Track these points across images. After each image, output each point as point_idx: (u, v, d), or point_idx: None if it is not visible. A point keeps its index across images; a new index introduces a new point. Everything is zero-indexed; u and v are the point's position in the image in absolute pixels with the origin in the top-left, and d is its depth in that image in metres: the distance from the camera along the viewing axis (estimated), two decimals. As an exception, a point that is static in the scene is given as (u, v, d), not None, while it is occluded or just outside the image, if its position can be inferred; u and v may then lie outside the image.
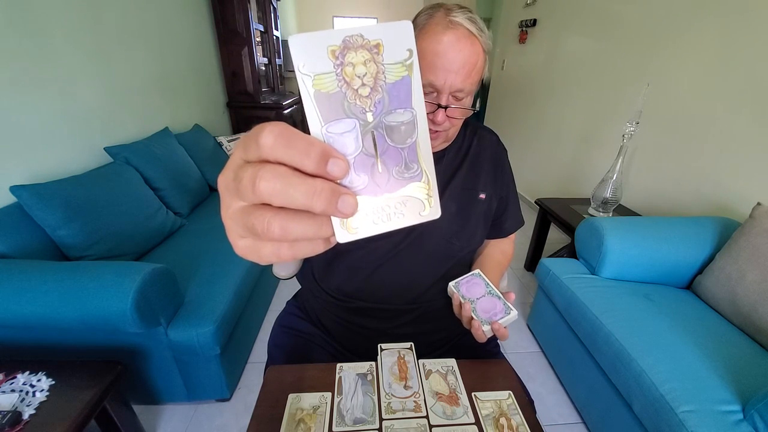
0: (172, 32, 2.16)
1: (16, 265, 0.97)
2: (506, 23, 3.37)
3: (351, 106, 0.20)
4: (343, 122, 0.20)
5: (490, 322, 0.58)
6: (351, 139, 0.20)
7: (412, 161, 0.21)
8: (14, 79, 1.19)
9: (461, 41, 0.56)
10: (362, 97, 0.20)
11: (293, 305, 0.87)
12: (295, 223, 0.18)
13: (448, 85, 0.57)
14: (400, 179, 0.21)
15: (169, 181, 1.67)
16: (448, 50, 0.55)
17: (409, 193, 0.22)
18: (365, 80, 0.20)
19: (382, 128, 0.21)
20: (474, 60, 0.57)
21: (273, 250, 0.20)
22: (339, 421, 0.51)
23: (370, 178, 0.21)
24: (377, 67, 0.20)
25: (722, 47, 1.49)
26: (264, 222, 0.18)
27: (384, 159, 0.21)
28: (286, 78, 4.16)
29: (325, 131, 0.20)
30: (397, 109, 0.21)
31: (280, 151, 0.17)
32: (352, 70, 0.20)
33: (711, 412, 0.83)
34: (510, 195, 0.80)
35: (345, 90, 0.20)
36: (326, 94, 0.20)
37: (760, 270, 1.06)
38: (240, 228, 0.19)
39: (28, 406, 0.75)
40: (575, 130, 2.47)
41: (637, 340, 1.02)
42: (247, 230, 0.19)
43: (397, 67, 0.20)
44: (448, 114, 0.59)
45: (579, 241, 1.44)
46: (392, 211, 0.21)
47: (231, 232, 0.21)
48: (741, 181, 1.42)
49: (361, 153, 0.21)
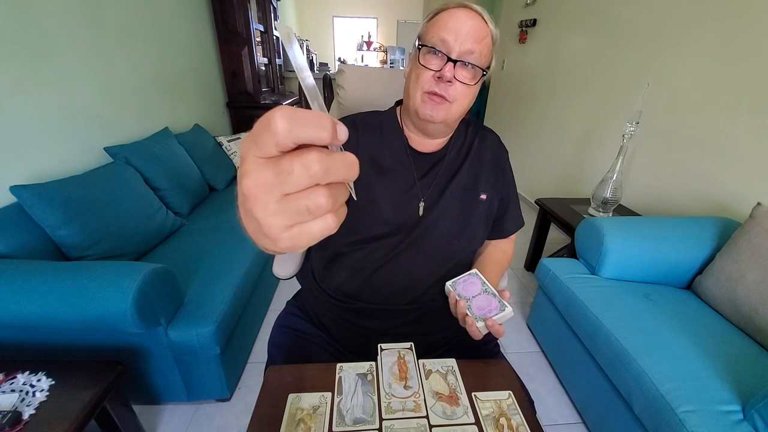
0: (172, 32, 2.16)
1: (16, 265, 0.97)
2: (506, 23, 3.37)
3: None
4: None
5: (484, 318, 0.58)
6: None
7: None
8: (14, 79, 1.19)
9: (473, 16, 0.61)
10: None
11: (293, 305, 0.87)
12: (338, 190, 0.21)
13: (459, 44, 0.60)
14: None
15: (169, 181, 1.67)
16: (461, 17, 0.61)
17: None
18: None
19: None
20: (484, 33, 0.62)
21: (322, 224, 0.21)
22: (339, 421, 0.51)
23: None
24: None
25: (722, 47, 1.49)
26: (318, 198, 0.20)
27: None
28: (286, 78, 4.17)
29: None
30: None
31: (298, 131, 0.18)
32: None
33: (711, 412, 0.83)
34: (511, 196, 0.80)
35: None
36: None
37: (760, 270, 1.06)
38: (288, 218, 0.20)
39: (28, 406, 0.75)
40: (575, 130, 2.47)
41: (637, 340, 1.02)
42: (300, 215, 0.20)
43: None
44: (457, 76, 0.61)
45: (579, 241, 1.44)
46: None
47: (274, 228, 0.21)
48: (741, 181, 1.42)
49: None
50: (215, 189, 2.15)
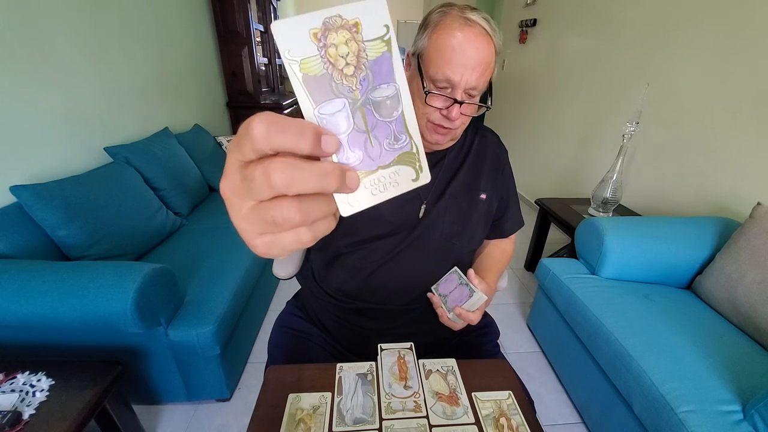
0: (172, 32, 2.16)
1: (16, 265, 0.97)
2: (506, 23, 3.37)
3: (338, 86, 0.21)
4: (333, 102, 0.21)
5: (452, 308, 0.60)
6: (342, 118, 0.21)
7: (400, 132, 0.22)
8: (14, 79, 1.19)
9: (478, 39, 0.56)
10: (348, 77, 0.21)
11: (293, 305, 0.87)
12: (310, 204, 0.19)
13: (464, 81, 0.57)
14: (391, 151, 0.22)
15: (169, 181, 1.67)
16: (465, 46, 0.56)
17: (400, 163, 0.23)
18: (348, 59, 0.20)
19: (369, 104, 0.22)
20: (488, 59, 0.58)
21: (294, 237, 0.20)
22: (339, 421, 0.51)
23: (364, 153, 0.22)
24: (358, 45, 0.20)
25: (722, 47, 1.49)
26: (283, 211, 0.18)
27: (375, 133, 0.22)
28: (286, 78, 4.16)
29: (317, 113, 0.21)
30: (381, 85, 0.21)
31: (275, 137, 0.17)
32: (335, 51, 0.20)
33: (711, 412, 0.83)
34: (510, 196, 0.80)
35: (331, 71, 0.20)
36: (314, 77, 0.20)
37: (760, 270, 1.06)
38: (257, 226, 0.20)
39: (28, 406, 0.75)
40: (575, 130, 2.47)
41: (637, 340, 1.02)
42: (266, 225, 0.19)
43: (376, 44, 0.21)
44: (462, 111, 0.60)
45: (579, 241, 1.44)
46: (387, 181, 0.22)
47: (247, 233, 0.21)
48: (741, 181, 1.42)
49: (353, 130, 0.21)
50: (215, 189, 2.15)
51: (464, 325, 0.63)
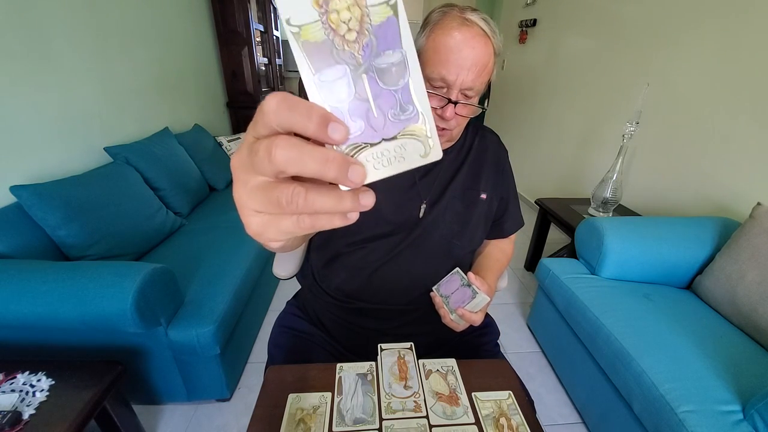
0: (172, 32, 2.16)
1: (16, 265, 0.97)
2: (506, 23, 3.37)
3: (340, 52, 0.20)
4: (333, 69, 0.20)
5: (455, 309, 0.60)
6: (343, 85, 0.20)
7: (407, 103, 0.21)
8: (14, 79, 1.19)
9: (475, 39, 0.56)
10: (350, 42, 0.20)
11: (293, 305, 0.87)
12: (318, 194, 0.19)
13: (460, 82, 0.57)
14: (396, 122, 0.21)
15: (169, 181, 1.67)
16: (462, 47, 0.55)
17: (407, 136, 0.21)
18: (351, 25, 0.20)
19: (373, 71, 0.21)
20: (486, 60, 0.58)
21: (292, 222, 0.20)
22: (339, 421, 0.51)
23: (366, 123, 0.21)
24: (361, 10, 0.20)
25: (722, 47, 1.49)
26: (290, 193, 0.19)
27: (378, 103, 0.21)
28: (286, 78, 4.17)
29: (317, 80, 0.20)
30: (386, 51, 0.20)
31: (283, 114, 0.18)
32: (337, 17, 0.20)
33: (711, 412, 0.83)
34: (510, 196, 0.81)
35: (332, 37, 0.20)
36: (314, 43, 0.20)
37: (760, 270, 1.06)
38: (259, 203, 0.20)
39: (28, 406, 0.75)
40: (575, 130, 2.47)
41: (637, 340, 1.02)
42: (269, 204, 0.20)
43: (381, 8, 0.20)
44: (457, 111, 0.60)
45: (579, 241, 1.44)
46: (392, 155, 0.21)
47: (244, 209, 0.21)
48: (741, 181, 1.42)
49: (355, 98, 0.21)
50: (215, 189, 2.15)
51: (467, 326, 0.63)
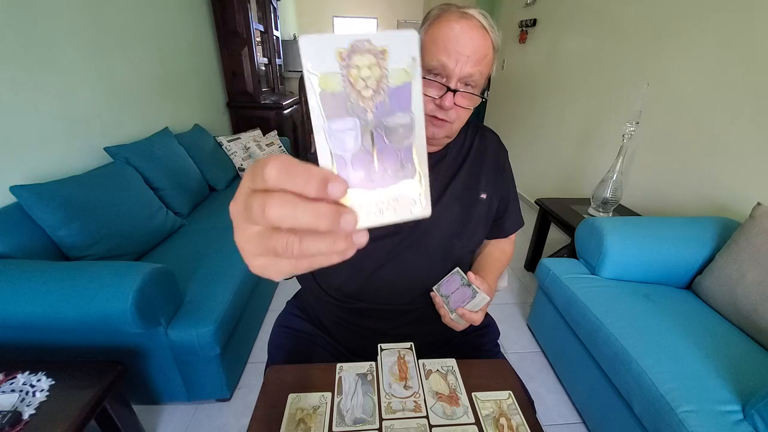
0: (172, 32, 2.16)
1: (16, 265, 0.97)
2: (506, 23, 3.37)
3: (353, 106, 0.21)
4: (344, 120, 0.21)
5: (455, 309, 0.61)
6: (351, 137, 0.22)
7: (407, 161, 0.23)
8: (14, 79, 1.19)
9: (474, 30, 0.57)
10: (365, 98, 0.21)
11: (293, 305, 0.87)
12: (312, 241, 0.20)
13: (459, 69, 0.57)
14: (394, 177, 0.23)
15: (169, 181, 1.67)
16: (460, 36, 0.57)
17: (401, 191, 0.23)
18: (369, 83, 0.21)
19: (381, 129, 0.22)
20: (485, 51, 0.58)
21: (291, 265, 0.22)
22: (339, 421, 0.51)
23: (365, 173, 0.22)
24: (381, 71, 0.21)
25: (722, 47, 1.49)
26: (284, 243, 0.20)
27: (381, 158, 0.22)
28: (286, 78, 4.17)
29: (327, 127, 0.21)
30: (397, 112, 0.22)
31: (284, 179, 0.19)
32: (357, 73, 0.21)
33: (711, 412, 0.83)
34: (510, 195, 0.81)
35: (349, 91, 0.21)
36: (331, 93, 0.21)
37: (760, 270, 1.06)
38: (258, 249, 0.21)
39: (28, 406, 0.75)
40: (575, 130, 2.47)
41: (637, 340, 1.02)
42: (267, 251, 0.21)
43: (400, 73, 0.21)
44: (457, 102, 0.59)
45: (579, 241, 1.44)
46: (384, 206, 0.22)
47: (247, 253, 0.23)
48: (741, 181, 1.42)
49: (360, 150, 0.22)
50: (215, 189, 2.15)
51: (467, 326, 0.63)
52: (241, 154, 2.43)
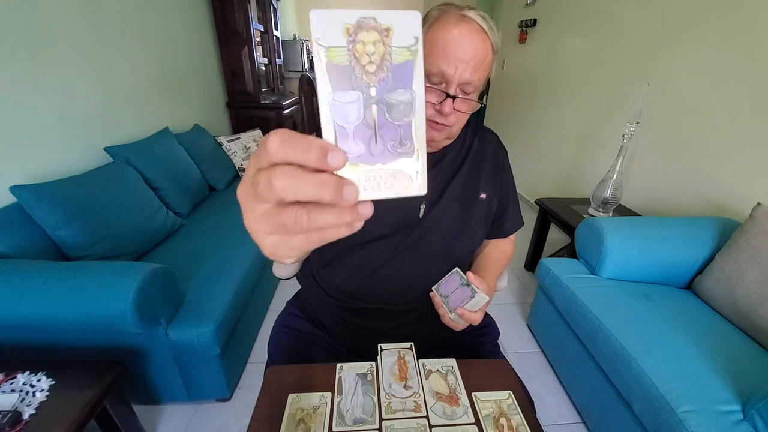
0: (172, 32, 2.16)
1: (16, 265, 0.97)
2: (506, 23, 3.37)
3: (357, 79, 0.22)
4: (348, 93, 0.22)
5: (454, 308, 0.61)
6: (353, 109, 0.22)
7: (406, 138, 0.23)
8: (14, 79, 1.19)
9: (473, 34, 0.57)
10: (368, 73, 0.22)
11: (293, 305, 0.87)
12: (319, 213, 0.21)
13: (458, 75, 0.57)
14: (393, 153, 0.23)
15: (169, 181, 1.67)
16: (459, 41, 0.56)
17: (400, 167, 0.23)
18: (373, 58, 0.22)
19: (383, 104, 0.23)
20: (483, 55, 0.58)
21: (302, 239, 0.22)
22: (339, 421, 0.51)
23: (366, 147, 0.23)
24: (385, 48, 0.22)
25: (722, 47, 1.49)
26: (293, 216, 0.21)
27: (381, 132, 0.23)
28: (286, 78, 4.16)
29: (332, 99, 0.22)
30: (399, 89, 0.22)
31: (285, 150, 0.20)
32: (362, 48, 0.22)
33: (711, 412, 0.83)
34: (510, 195, 0.80)
35: (354, 64, 0.22)
36: (337, 65, 0.22)
37: (760, 270, 1.06)
38: (268, 227, 0.22)
39: (28, 406, 0.75)
40: (575, 130, 2.47)
41: (637, 340, 1.02)
42: (277, 227, 0.21)
43: (402, 51, 0.22)
44: (456, 107, 0.59)
45: (579, 241, 1.44)
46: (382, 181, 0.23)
47: (257, 234, 0.23)
48: (741, 181, 1.42)
49: (362, 123, 0.23)
50: (215, 189, 2.15)
51: (466, 326, 0.63)
52: (241, 154, 2.43)
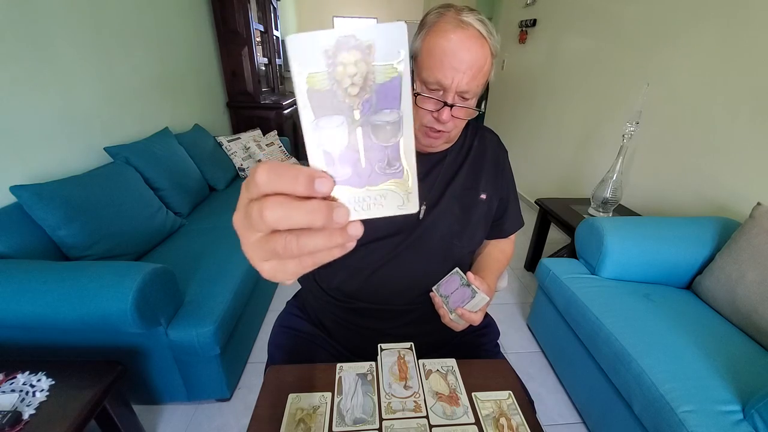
0: (172, 32, 2.16)
1: (16, 265, 0.97)
2: (506, 23, 3.37)
3: (340, 104, 0.21)
4: (332, 118, 0.21)
5: (454, 309, 0.61)
6: (338, 134, 0.22)
7: (394, 159, 0.23)
8: (14, 79, 1.19)
9: (471, 41, 0.56)
10: (351, 96, 0.21)
11: (293, 305, 0.87)
12: (308, 237, 0.21)
13: (455, 84, 0.57)
14: (381, 174, 0.23)
15: (169, 181, 1.67)
16: (457, 49, 0.55)
17: (389, 187, 0.23)
18: (355, 80, 0.21)
19: (368, 126, 0.22)
20: (482, 62, 0.57)
21: (296, 264, 0.23)
22: (339, 421, 0.51)
23: (353, 170, 0.22)
24: (368, 67, 0.21)
25: (722, 47, 1.49)
26: (282, 243, 0.21)
27: (368, 155, 0.22)
28: (286, 78, 4.16)
29: (314, 125, 0.21)
30: (384, 110, 0.22)
31: (274, 181, 0.20)
32: (343, 70, 0.20)
33: (711, 412, 0.83)
34: (510, 196, 0.81)
35: (336, 89, 0.21)
36: (318, 91, 0.21)
37: (760, 270, 1.06)
38: (262, 254, 0.22)
39: (28, 406, 0.75)
40: (575, 130, 2.47)
41: (637, 340, 1.02)
42: (270, 254, 0.22)
43: (387, 68, 0.21)
44: (453, 114, 0.59)
45: (579, 241, 1.44)
46: (372, 202, 0.23)
47: (254, 259, 0.23)
48: (741, 181, 1.42)
49: (347, 148, 0.22)
50: (215, 189, 2.15)
51: (466, 326, 0.63)
52: (241, 154, 2.43)
